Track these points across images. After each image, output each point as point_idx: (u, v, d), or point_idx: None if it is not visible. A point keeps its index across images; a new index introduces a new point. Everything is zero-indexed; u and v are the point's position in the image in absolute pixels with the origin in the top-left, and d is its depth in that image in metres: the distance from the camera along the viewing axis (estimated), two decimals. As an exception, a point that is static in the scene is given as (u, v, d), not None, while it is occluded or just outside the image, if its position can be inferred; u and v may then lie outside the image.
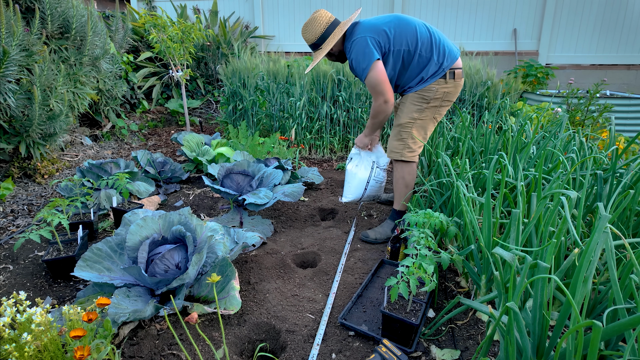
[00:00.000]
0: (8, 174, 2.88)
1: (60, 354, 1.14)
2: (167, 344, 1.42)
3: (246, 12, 6.51)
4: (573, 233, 1.13)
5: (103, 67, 3.57)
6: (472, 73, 3.68)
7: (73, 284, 1.81)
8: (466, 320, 1.52)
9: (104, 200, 2.51)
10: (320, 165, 3.71)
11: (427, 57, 1.98)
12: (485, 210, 1.44)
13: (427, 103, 2.04)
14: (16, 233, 2.30)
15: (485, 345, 1.11)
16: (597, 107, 3.40)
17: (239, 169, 2.50)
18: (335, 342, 1.44)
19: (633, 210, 1.50)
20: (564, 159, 1.63)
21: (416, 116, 2.07)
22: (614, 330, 0.89)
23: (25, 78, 2.69)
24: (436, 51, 1.98)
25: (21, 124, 2.71)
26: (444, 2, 5.71)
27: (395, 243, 1.92)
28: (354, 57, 1.96)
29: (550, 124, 2.88)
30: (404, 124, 2.08)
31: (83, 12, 3.26)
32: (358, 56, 1.94)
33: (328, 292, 1.75)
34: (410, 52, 1.96)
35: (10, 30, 2.50)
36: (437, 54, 1.98)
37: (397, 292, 1.31)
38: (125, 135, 4.23)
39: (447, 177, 1.99)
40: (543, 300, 1.02)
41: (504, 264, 1.34)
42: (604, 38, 5.33)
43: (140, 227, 1.63)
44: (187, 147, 3.34)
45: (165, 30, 3.86)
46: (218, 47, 5.54)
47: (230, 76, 4.21)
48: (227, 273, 1.58)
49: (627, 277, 1.05)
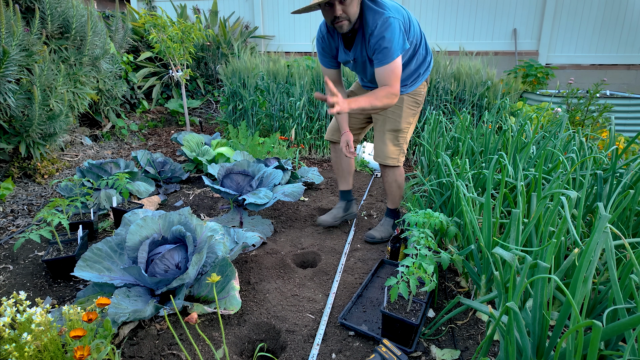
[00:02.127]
0: (8, 174, 2.88)
1: (60, 354, 1.14)
2: (167, 344, 1.42)
3: (246, 12, 6.51)
4: (573, 233, 1.13)
5: (103, 67, 3.56)
6: (472, 73, 3.68)
7: (73, 284, 1.81)
8: (466, 320, 1.52)
9: (104, 200, 2.51)
10: (320, 165, 3.71)
11: (423, 55, 1.95)
12: (485, 210, 1.44)
13: (418, 107, 2.07)
14: (16, 233, 2.30)
15: (485, 345, 1.11)
16: (597, 107, 3.40)
17: (238, 169, 2.50)
18: (335, 342, 1.44)
19: (633, 210, 1.50)
20: (564, 159, 1.63)
21: (412, 120, 2.08)
22: (614, 330, 0.89)
23: (25, 78, 2.69)
24: (427, 49, 1.97)
25: (21, 124, 2.71)
26: (444, 2, 5.71)
27: (395, 243, 1.92)
28: (388, 37, 1.67)
29: (550, 124, 2.88)
30: (403, 129, 2.05)
31: (83, 12, 3.26)
32: (394, 37, 1.68)
33: (328, 292, 1.75)
34: (415, 48, 1.91)
35: (10, 30, 2.50)
36: (428, 52, 1.97)
37: (397, 292, 1.31)
38: (125, 135, 4.22)
39: (447, 177, 1.99)
40: (543, 300, 1.02)
41: (504, 264, 1.34)
42: (604, 38, 5.33)
43: (140, 227, 1.63)
44: (187, 147, 3.34)
45: (165, 30, 3.85)
46: (218, 47, 5.54)
47: (230, 76, 4.21)
48: (227, 273, 1.58)
49: (627, 277, 1.05)
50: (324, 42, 1.96)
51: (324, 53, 2.00)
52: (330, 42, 1.95)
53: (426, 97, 3.76)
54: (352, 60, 1.92)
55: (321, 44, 1.98)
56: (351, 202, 2.38)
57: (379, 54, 1.72)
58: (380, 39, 1.69)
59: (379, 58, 1.73)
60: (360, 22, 1.77)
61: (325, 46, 1.97)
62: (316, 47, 2.01)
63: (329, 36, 1.94)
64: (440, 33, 5.86)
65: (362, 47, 1.83)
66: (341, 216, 2.33)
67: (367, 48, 1.80)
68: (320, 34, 1.95)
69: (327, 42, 1.95)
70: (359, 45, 1.84)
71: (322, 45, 1.98)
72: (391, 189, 2.18)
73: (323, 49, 1.98)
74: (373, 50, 1.73)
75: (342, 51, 1.94)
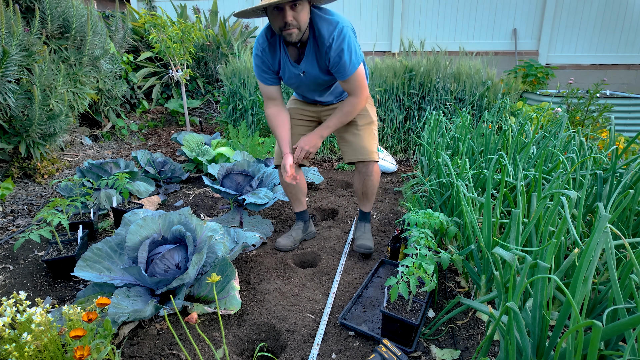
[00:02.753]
0: (8, 174, 2.88)
1: (60, 354, 1.14)
2: (167, 344, 1.42)
3: (246, 12, 6.50)
4: (573, 233, 1.13)
5: (103, 67, 3.57)
6: (472, 73, 3.68)
7: (73, 284, 1.81)
8: (466, 320, 1.52)
9: (104, 200, 2.51)
10: (320, 165, 3.71)
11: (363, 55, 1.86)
12: (485, 210, 1.44)
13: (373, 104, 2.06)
14: (16, 233, 2.30)
15: (485, 345, 1.11)
16: (597, 107, 3.39)
17: (238, 169, 2.50)
18: (335, 342, 1.44)
19: (633, 210, 1.50)
20: (564, 159, 1.63)
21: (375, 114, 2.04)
22: (614, 330, 0.89)
23: (25, 78, 2.69)
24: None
25: (21, 124, 2.71)
26: (444, 2, 5.71)
27: (395, 243, 1.92)
28: (347, 48, 1.62)
29: (550, 124, 2.88)
30: (374, 120, 1.98)
31: (83, 12, 3.26)
32: (352, 47, 1.63)
33: (328, 292, 1.75)
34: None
35: (10, 30, 2.50)
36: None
37: (397, 292, 1.31)
38: (125, 135, 4.23)
39: (447, 177, 1.99)
40: (543, 300, 1.02)
41: (503, 263, 1.34)
42: (604, 38, 5.33)
43: (140, 227, 1.63)
44: (187, 147, 3.34)
45: (165, 30, 3.86)
46: (218, 47, 5.54)
47: (230, 76, 4.20)
48: (227, 273, 1.58)
49: (627, 277, 1.05)
50: (264, 55, 1.77)
51: (264, 68, 1.80)
52: (272, 55, 1.78)
53: (426, 97, 3.77)
54: (301, 73, 1.77)
55: (261, 58, 1.78)
56: (308, 221, 2.25)
57: (340, 67, 1.66)
58: (340, 51, 1.62)
59: (342, 71, 1.67)
60: (310, 32, 1.66)
61: (267, 59, 1.78)
62: (254, 62, 1.81)
63: (271, 49, 1.76)
64: (440, 33, 5.86)
65: (315, 60, 1.72)
66: (300, 238, 2.19)
67: (322, 61, 1.70)
68: (260, 47, 1.76)
69: (268, 55, 1.77)
70: (311, 57, 1.71)
71: (262, 59, 1.78)
72: (373, 189, 2.03)
73: (263, 63, 1.79)
74: (334, 63, 1.66)
75: (287, 64, 1.78)
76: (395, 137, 3.88)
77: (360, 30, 6.13)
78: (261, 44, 1.76)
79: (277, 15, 1.57)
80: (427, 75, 3.71)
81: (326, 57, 1.67)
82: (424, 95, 3.78)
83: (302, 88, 1.89)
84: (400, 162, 3.78)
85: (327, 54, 1.65)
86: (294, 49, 1.74)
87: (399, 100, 3.82)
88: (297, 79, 1.81)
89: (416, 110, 3.82)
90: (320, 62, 1.72)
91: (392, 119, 3.84)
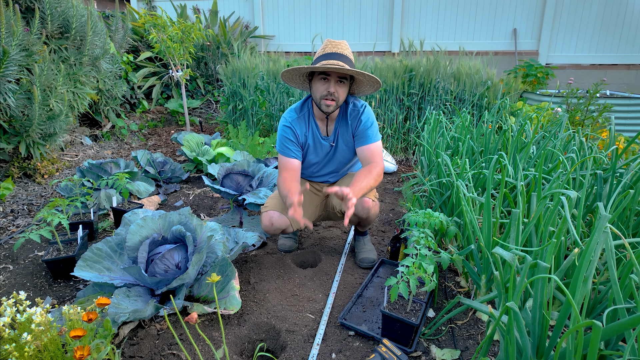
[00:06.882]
0: (8, 174, 2.88)
1: (60, 354, 1.14)
2: (167, 344, 1.42)
3: (246, 12, 6.51)
4: (573, 233, 1.13)
5: (103, 67, 3.56)
6: (472, 73, 3.68)
7: (73, 284, 1.81)
8: (466, 320, 1.52)
9: (104, 200, 2.51)
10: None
11: None
12: (485, 210, 1.44)
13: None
14: (16, 233, 2.30)
15: (485, 345, 1.11)
16: (597, 107, 3.39)
17: (238, 169, 2.50)
18: (335, 342, 1.44)
19: (633, 210, 1.50)
20: (563, 159, 1.63)
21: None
22: (614, 330, 0.89)
23: (25, 78, 2.69)
24: None
25: (21, 124, 2.71)
26: (444, 2, 5.71)
27: (396, 243, 1.92)
28: (370, 120, 1.80)
29: (550, 123, 2.88)
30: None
31: (83, 12, 3.26)
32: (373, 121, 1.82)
33: (328, 292, 1.75)
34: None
35: (10, 30, 2.50)
36: None
37: (397, 292, 1.31)
38: (125, 135, 4.22)
39: (447, 177, 1.99)
40: (543, 300, 1.02)
41: (503, 263, 1.34)
42: (604, 38, 5.33)
43: (140, 227, 1.63)
44: (187, 147, 3.34)
45: (165, 30, 3.85)
46: (218, 47, 5.54)
47: (230, 76, 4.20)
48: (227, 273, 1.58)
49: (627, 277, 1.05)
50: (294, 125, 1.82)
51: (291, 139, 1.81)
52: (301, 127, 1.83)
53: (426, 97, 3.77)
54: (330, 144, 1.86)
55: (291, 128, 1.81)
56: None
57: (371, 130, 1.79)
58: (369, 116, 1.80)
59: (371, 134, 1.79)
60: (340, 110, 1.82)
61: (296, 130, 1.82)
62: (280, 137, 1.83)
63: (300, 121, 1.83)
64: (440, 33, 5.86)
65: (343, 133, 1.84)
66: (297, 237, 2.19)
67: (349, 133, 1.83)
68: (289, 119, 1.81)
69: (297, 126, 1.82)
70: (341, 130, 1.83)
71: (291, 130, 1.81)
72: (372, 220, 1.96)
73: (292, 133, 1.81)
74: (364, 127, 1.79)
75: (318, 137, 1.84)
76: (395, 137, 3.88)
77: (360, 30, 6.14)
78: (291, 116, 1.84)
79: (323, 83, 1.67)
80: (427, 75, 3.71)
81: (357, 124, 1.81)
82: (424, 95, 3.78)
83: (325, 161, 1.94)
84: (400, 162, 3.78)
85: (359, 119, 1.80)
86: (322, 123, 1.84)
87: (399, 100, 3.82)
88: (325, 150, 1.90)
89: (416, 110, 3.82)
90: (347, 136, 1.84)
91: (392, 119, 3.84)
